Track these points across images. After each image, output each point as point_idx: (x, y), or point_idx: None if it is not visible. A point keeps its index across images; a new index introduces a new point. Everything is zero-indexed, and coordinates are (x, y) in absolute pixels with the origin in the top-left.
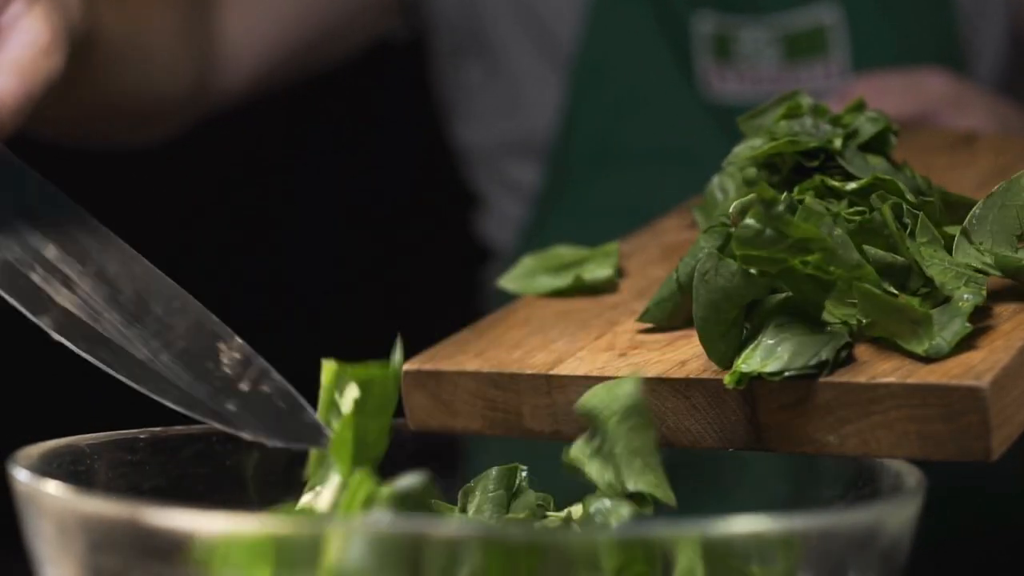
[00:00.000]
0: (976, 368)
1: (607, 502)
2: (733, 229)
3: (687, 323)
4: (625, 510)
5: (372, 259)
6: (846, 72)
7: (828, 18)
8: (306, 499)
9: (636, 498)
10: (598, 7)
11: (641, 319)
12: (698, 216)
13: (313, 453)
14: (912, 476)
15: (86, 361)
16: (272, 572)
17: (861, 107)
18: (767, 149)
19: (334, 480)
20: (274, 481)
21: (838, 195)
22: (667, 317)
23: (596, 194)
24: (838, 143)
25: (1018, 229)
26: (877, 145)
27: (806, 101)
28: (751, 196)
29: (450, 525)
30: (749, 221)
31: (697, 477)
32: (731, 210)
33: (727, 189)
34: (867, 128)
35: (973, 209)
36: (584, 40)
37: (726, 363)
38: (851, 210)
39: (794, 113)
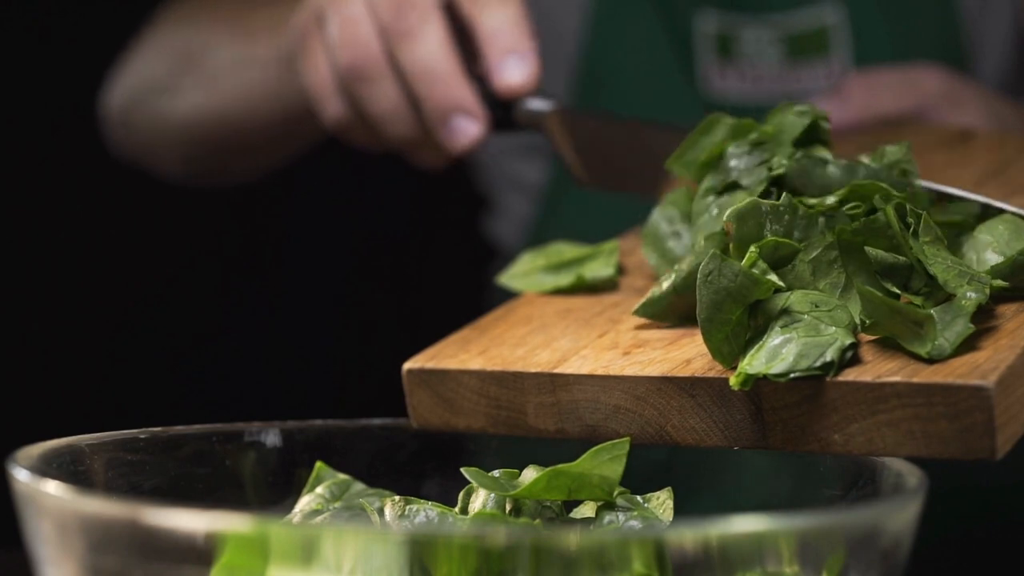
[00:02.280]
0: (981, 367)
1: (620, 515)
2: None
3: (682, 321)
4: (635, 523)
5: (382, 259)
6: (848, 72)
7: (830, 18)
8: (304, 501)
9: None
10: (601, 7)
11: (635, 313)
12: (647, 251)
13: (318, 465)
14: (913, 476)
15: (86, 361)
16: (271, 572)
17: (787, 108)
18: (732, 212)
19: None
20: (273, 481)
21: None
22: (660, 315)
23: (600, 191)
24: (779, 167)
25: None
26: (813, 138)
27: (723, 128)
28: (748, 201)
29: (454, 528)
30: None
31: (697, 477)
32: (726, 217)
33: (671, 218)
34: (796, 123)
35: None
36: (587, 40)
37: (730, 363)
38: (849, 207)
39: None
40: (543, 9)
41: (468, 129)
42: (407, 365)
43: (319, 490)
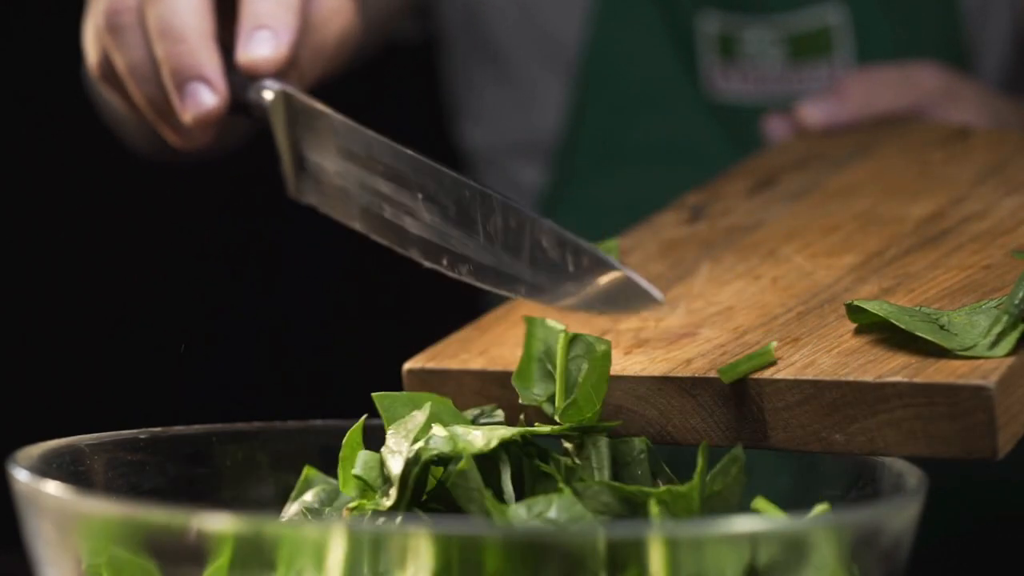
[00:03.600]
0: (982, 367)
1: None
2: None
3: None
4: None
5: (378, 257)
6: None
7: (833, 18)
8: (293, 510)
9: None
10: (604, 8)
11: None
12: None
13: (306, 469)
14: (913, 476)
15: (86, 361)
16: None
17: None
18: None
19: None
20: (273, 481)
21: None
22: None
23: (600, 193)
24: None
25: None
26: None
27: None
28: None
29: (450, 526)
30: None
31: None
32: None
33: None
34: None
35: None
36: (590, 40)
37: None
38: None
39: None
40: (544, 15)
41: (203, 98)
42: (407, 365)
43: (308, 497)
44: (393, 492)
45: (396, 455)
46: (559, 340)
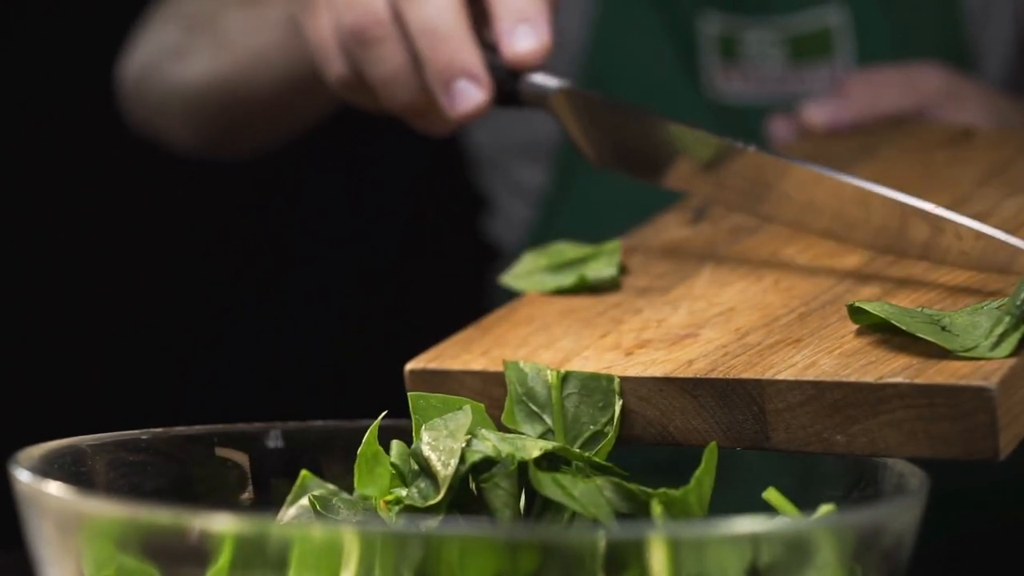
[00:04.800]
0: (984, 368)
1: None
2: None
3: None
4: None
5: (382, 259)
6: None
7: (834, 20)
8: (290, 514)
9: None
10: (604, 11)
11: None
12: None
13: (302, 473)
14: (915, 477)
15: (87, 361)
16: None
17: None
18: None
19: None
20: (274, 482)
21: None
22: None
23: (602, 193)
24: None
25: None
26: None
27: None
28: None
29: (453, 525)
30: None
31: None
32: None
33: None
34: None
35: None
36: (591, 42)
37: None
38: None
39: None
40: None
41: (471, 95)
42: (409, 366)
43: (305, 502)
44: (443, 491)
45: (442, 453)
46: (551, 379)
